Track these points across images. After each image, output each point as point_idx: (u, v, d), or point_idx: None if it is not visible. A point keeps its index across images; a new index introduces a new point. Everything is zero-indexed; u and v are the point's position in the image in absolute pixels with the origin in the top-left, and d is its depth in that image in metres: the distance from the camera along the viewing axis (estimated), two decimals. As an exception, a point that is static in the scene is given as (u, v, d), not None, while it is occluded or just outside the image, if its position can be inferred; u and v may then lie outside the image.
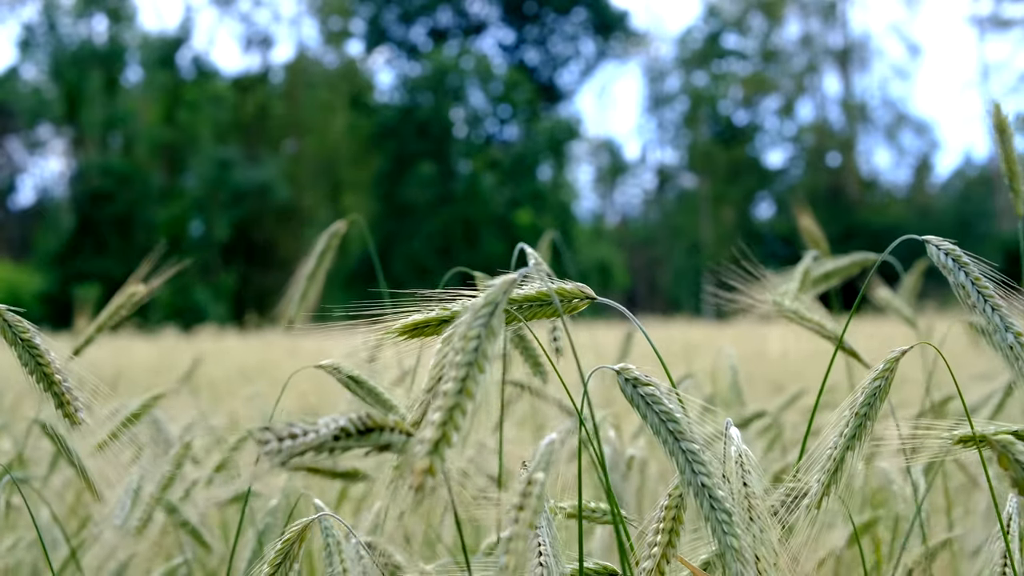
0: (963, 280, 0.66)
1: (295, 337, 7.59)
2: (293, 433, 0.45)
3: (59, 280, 21.18)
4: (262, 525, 1.11)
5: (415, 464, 0.44)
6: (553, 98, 28.88)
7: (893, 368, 0.68)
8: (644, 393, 0.59)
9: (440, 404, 0.46)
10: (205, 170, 23.96)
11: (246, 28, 27.61)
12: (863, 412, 0.67)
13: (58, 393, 0.68)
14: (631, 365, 0.60)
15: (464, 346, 0.48)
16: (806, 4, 28.95)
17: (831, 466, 0.67)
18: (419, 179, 24.43)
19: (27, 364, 0.68)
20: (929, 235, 0.69)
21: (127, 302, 1.12)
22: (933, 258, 0.67)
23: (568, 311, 0.63)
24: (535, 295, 0.63)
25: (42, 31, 25.18)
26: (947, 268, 0.67)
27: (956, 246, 0.67)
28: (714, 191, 27.49)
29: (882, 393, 0.67)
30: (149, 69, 25.93)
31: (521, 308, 0.63)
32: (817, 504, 0.66)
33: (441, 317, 0.62)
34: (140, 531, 1.04)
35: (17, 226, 25.82)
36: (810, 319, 0.96)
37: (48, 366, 0.68)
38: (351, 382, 0.83)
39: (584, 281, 0.65)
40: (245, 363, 5.35)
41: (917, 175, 29.00)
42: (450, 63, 25.96)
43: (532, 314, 0.63)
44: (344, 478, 1.00)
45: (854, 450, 0.67)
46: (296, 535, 0.67)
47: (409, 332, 0.62)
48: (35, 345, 0.69)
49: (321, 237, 1.22)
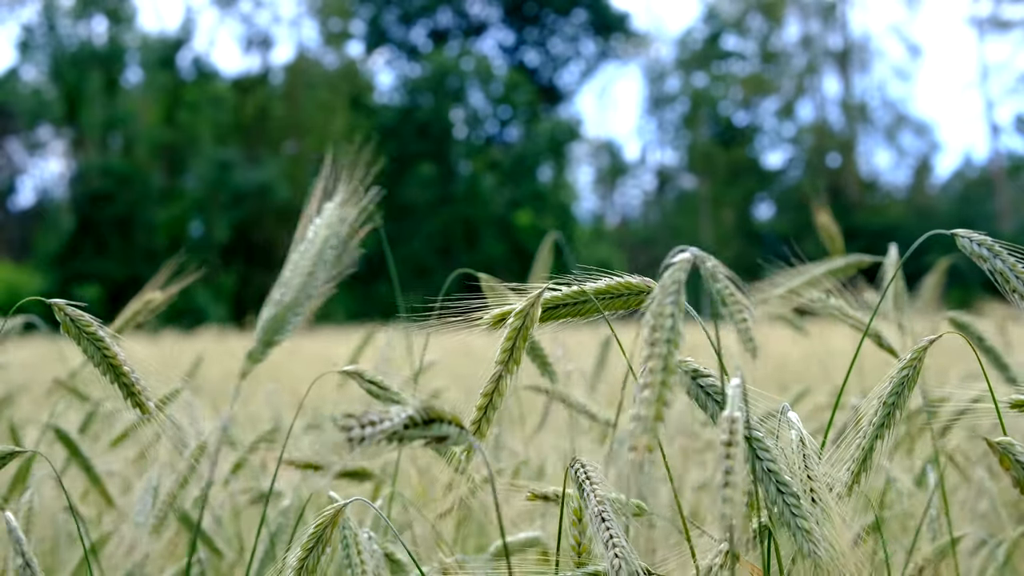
0: (1001, 266, 0.66)
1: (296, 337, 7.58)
2: (372, 420, 0.47)
3: (59, 281, 21.17)
4: (274, 526, 1.11)
5: (635, 441, 0.46)
6: (553, 99, 28.88)
7: (921, 357, 0.68)
8: (704, 384, 0.61)
9: (648, 382, 0.47)
10: (205, 171, 23.95)
11: (246, 29, 27.62)
12: (891, 401, 0.67)
13: (127, 384, 0.70)
14: (689, 358, 0.61)
15: (660, 323, 0.49)
16: (806, 5, 28.96)
17: (860, 455, 0.67)
18: (419, 180, 24.43)
19: (92, 357, 0.70)
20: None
21: (144, 308, 1.12)
22: (965, 249, 0.67)
23: (635, 304, 0.65)
24: (606, 288, 0.65)
25: (42, 32, 25.18)
26: (982, 257, 0.66)
27: (987, 236, 0.67)
28: (714, 192, 27.49)
29: (910, 382, 0.67)
30: (149, 70, 25.93)
31: (590, 302, 0.65)
32: (848, 492, 0.66)
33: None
34: (156, 529, 1.04)
35: (17, 227, 25.81)
36: (852, 316, 0.98)
37: (115, 358, 0.70)
38: (373, 387, 0.83)
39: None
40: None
41: (917, 176, 29.00)
42: (450, 64, 25.96)
43: (605, 306, 0.65)
44: (353, 477, 1.00)
45: (883, 439, 0.67)
46: (328, 519, 0.67)
47: (500, 322, 0.65)
48: (100, 338, 0.70)
49: None
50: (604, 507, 0.62)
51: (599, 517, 0.61)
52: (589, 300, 0.65)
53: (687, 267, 0.52)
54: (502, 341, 0.62)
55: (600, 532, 0.61)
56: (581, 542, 0.66)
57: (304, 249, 0.61)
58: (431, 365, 1.65)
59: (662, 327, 0.49)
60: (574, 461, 0.65)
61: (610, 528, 0.61)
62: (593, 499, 0.62)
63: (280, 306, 0.59)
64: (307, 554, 0.67)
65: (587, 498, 0.63)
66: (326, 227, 0.61)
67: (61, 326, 0.70)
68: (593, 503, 0.62)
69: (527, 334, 0.63)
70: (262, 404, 2.47)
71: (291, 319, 0.60)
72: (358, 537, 0.70)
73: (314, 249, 0.60)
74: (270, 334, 0.60)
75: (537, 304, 0.63)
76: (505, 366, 0.62)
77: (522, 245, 23.55)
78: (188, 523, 1.18)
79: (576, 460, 0.64)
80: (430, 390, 1.54)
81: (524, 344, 0.63)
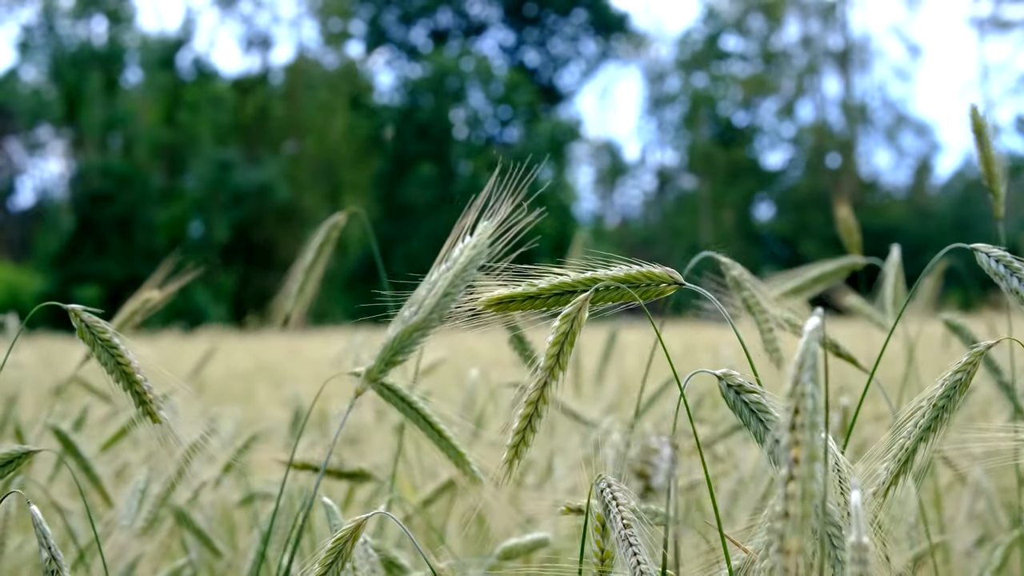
0: (1017, 286, 0.66)
1: (295, 338, 7.58)
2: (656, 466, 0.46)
3: (59, 281, 21.16)
4: (265, 526, 1.11)
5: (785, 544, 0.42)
6: (553, 99, 28.87)
7: (976, 362, 0.67)
8: (749, 400, 0.58)
9: (793, 474, 0.43)
10: (205, 171, 23.95)
11: (246, 29, 27.62)
12: (941, 404, 0.66)
13: (139, 392, 0.69)
14: (734, 371, 0.59)
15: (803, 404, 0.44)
16: (806, 5, 28.96)
17: (903, 456, 0.66)
18: (419, 180, 24.43)
19: (106, 364, 0.69)
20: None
21: (141, 308, 1.12)
22: (984, 266, 0.67)
23: (654, 295, 0.62)
24: (624, 277, 0.62)
25: (41, 32, 25.18)
26: (999, 275, 0.66)
27: (1007, 252, 0.67)
28: (714, 192, 27.49)
29: (962, 386, 0.66)
30: (149, 70, 25.93)
31: (608, 289, 0.62)
32: (884, 492, 0.65)
33: (527, 293, 0.62)
34: (146, 531, 1.04)
35: (17, 227, 25.81)
36: (797, 325, 0.95)
37: (128, 365, 0.69)
38: (385, 390, 0.81)
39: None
40: (246, 365, 5.35)
41: (917, 176, 29.00)
42: (450, 64, 25.96)
43: (619, 296, 0.62)
44: (351, 478, 1.00)
45: (927, 441, 0.66)
46: (349, 533, 0.65)
47: (496, 305, 0.62)
48: (114, 345, 0.70)
49: (320, 229, 1.19)
50: (631, 531, 0.60)
51: (626, 541, 0.59)
52: (605, 288, 0.61)
53: (820, 335, 0.47)
54: (548, 346, 0.59)
55: (628, 557, 0.59)
56: (604, 548, 0.64)
57: (446, 269, 0.58)
58: (439, 363, 1.65)
59: (804, 409, 0.43)
60: (600, 478, 0.62)
61: (638, 554, 0.59)
62: (620, 522, 0.60)
63: (407, 325, 0.57)
64: (326, 570, 0.65)
65: (614, 520, 0.60)
66: (473, 248, 0.59)
67: (77, 332, 0.70)
68: (620, 527, 0.60)
69: (575, 338, 0.59)
70: (262, 405, 2.47)
71: (417, 339, 0.57)
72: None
73: (455, 270, 0.58)
74: (392, 353, 0.57)
75: (585, 307, 0.60)
76: (551, 372, 0.59)
77: (522, 245, 23.52)
78: (185, 523, 1.18)
79: (603, 478, 0.62)
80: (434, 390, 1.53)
81: (571, 349, 0.60)
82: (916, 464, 0.66)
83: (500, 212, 0.61)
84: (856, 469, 0.66)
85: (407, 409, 0.82)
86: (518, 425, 0.60)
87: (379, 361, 0.58)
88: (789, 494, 0.42)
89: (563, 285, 0.62)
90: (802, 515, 0.42)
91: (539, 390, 0.60)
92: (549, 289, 0.62)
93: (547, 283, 0.62)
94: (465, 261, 0.59)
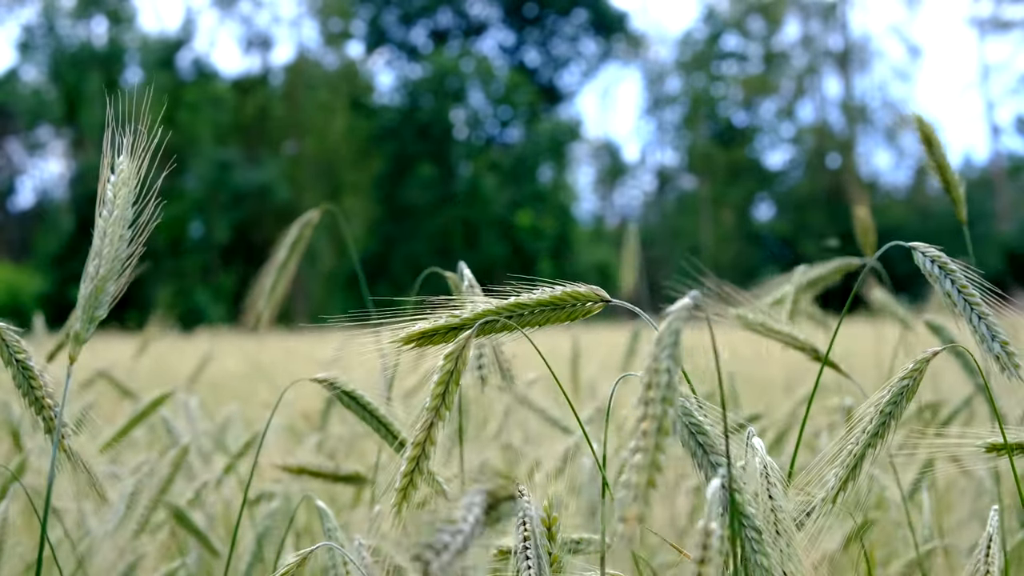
0: (949, 288, 0.66)
1: (295, 338, 7.57)
2: (444, 544, 0.42)
3: (59, 281, 21.16)
4: (261, 528, 1.11)
5: (625, 511, 0.43)
6: (554, 100, 28.87)
7: (922, 369, 0.67)
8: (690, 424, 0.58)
9: (641, 445, 0.44)
10: (205, 171, 23.95)
11: (246, 30, 27.62)
12: (888, 411, 0.66)
13: (47, 419, 0.66)
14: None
15: (656, 380, 0.45)
16: (806, 5, 28.96)
17: (851, 461, 0.66)
18: (419, 181, 24.43)
19: (20, 386, 0.67)
20: (929, 237, 0.69)
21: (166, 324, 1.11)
22: (920, 265, 0.67)
23: (582, 315, 0.61)
24: (548, 300, 0.61)
25: (41, 33, 25.18)
26: (933, 276, 0.66)
27: (943, 252, 0.67)
28: (714, 193, 27.48)
29: (909, 392, 0.67)
30: (149, 70, 25.93)
31: (533, 312, 0.61)
32: (832, 499, 0.66)
33: (450, 325, 0.60)
34: (138, 534, 1.04)
35: (17, 228, 25.81)
36: (779, 331, 0.94)
37: (40, 388, 0.66)
38: (345, 398, 0.80)
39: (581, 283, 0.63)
40: (245, 365, 5.35)
41: (917, 177, 28.99)
42: (450, 65, 25.95)
43: (544, 319, 0.61)
44: (347, 482, 1.00)
45: (875, 447, 0.66)
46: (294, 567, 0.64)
47: (416, 341, 0.60)
48: (28, 367, 0.67)
49: (293, 226, 1.17)
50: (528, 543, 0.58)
51: (524, 556, 0.58)
52: (529, 313, 0.60)
53: (686, 316, 0.48)
54: (432, 386, 0.57)
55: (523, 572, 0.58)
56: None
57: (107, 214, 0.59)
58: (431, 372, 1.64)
59: (658, 384, 0.45)
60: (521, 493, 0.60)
61: (532, 568, 0.58)
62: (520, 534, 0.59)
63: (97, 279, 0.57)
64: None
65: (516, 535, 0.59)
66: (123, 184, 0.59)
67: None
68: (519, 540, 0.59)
69: (459, 377, 0.58)
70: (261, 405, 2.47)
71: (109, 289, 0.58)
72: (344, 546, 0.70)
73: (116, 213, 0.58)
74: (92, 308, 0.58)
75: (469, 346, 0.58)
76: (436, 412, 0.58)
77: (522, 246, 23.55)
78: (184, 523, 1.18)
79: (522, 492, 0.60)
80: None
81: (456, 388, 0.58)
82: (864, 470, 0.66)
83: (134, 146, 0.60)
84: (804, 475, 0.67)
85: (367, 416, 0.80)
86: (406, 468, 0.58)
87: (83, 321, 0.59)
88: (634, 464, 0.44)
89: (487, 312, 0.60)
90: (645, 484, 0.44)
91: (425, 431, 0.58)
92: (473, 319, 0.60)
93: (471, 312, 0.60)
94: (122, 203, 0.59)
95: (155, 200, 0.61)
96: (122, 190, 0.58)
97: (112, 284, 0.58)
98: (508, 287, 0.62)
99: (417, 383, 1.49)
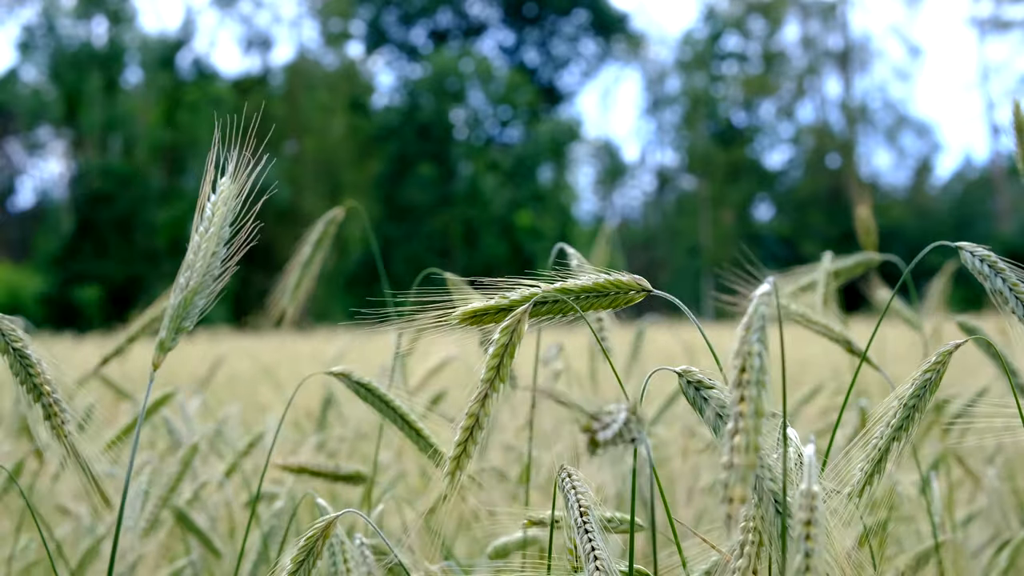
0: (1000, 286, 0.66)
1: (295, 338, 7.57)
2: (605, 423, 0.47)
3: (59, 282, 21.17)
4: (267, 527, 1.11)
5: (730, 492, 0.44)
6: (553, 100, 28.88)
7: (945, 361, 0.67)
8: (709, 396, 0.59)
9: (739, 427, 0.45)
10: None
11: (246, 30, 27.62)
12: (911, 404, 0.66)
13: (46, 405, 0.66)
14: (693, 367, 0.59)
15: (749, 363, 0.46)
16: (806, 5, 28.96)
17: (875, 455, 0.66)
18: (419, 181, 24.43)
19: (18, 374, 0.66)
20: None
21: (161, 315, 1.12)
22: (967, 264, 0.67)
23: (624, 303, 0.63)
24: (592, 286, 0.62)
25: (41, 33, 25.18)
26: (983, 274, 0.66)
27: (991, 251, 0.66)
28: (713, 193, 27.48)
29: (932, 386, 0.66)
30: (149, 71, 25.93)
31: (578, 299, 0.62)
32: (859, 492, 0.65)
33: (500, 305, 0.62)
34: (147, 533, 1.04)
35: (17, 228, 25.81)
36: (817, 322, 0.95)
37: (39, 376, 0.66)
38: (363, 390, 0.81)
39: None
40: (245, 365, 5.35)
41: (917, 177, 29.00)
42: (450, 65, 25.96)
43: (588, 305, 0.62)
44: (347, 481, 1.00)
45: (899, 440, 0.66)
46: (319, 531, 0.66)
47: (470, 319, 0.62)
48: (26, 355, 0.66)
49: (316, 225, 1.18)
50: (587, 519, 0.60)
51: (583, 530, 0.60)
52: (574, 299, 0.62)
53: (770, 301, 0.49)
54: (488, 359, 0.59)
55: (583, 545, 0.60)
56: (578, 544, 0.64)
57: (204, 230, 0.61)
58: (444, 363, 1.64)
59: (751, 367, 0.46)
60: (562, 470, 0.63)
61: (592, 540, 0.60)
62: (576, 510, 0.60)
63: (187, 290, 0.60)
64: (297, 567, 0.66)
65: (571, 509, 0.61)
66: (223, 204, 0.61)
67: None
68: (576, 515, 0.60)
69: (514, 351, 0.60)
70: (262, 405, 2.47)
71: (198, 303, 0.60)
72: (345, 545, 0.70)
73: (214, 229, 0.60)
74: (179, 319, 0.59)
75: (524, 319, 0.60)
76: (491, 384, 0.59)
77: (522, 246, 23.55)
78: (186, 523, 1.18)
79: (564, 468, 0.63)
80: (427, 392, 1.53)
81: (511, 361, 0.60)
82: (889, 464, 0.66)
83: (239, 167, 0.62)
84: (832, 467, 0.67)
85: (384, 409, 0.81)
86: (459, 437, 0.60)
87: (169, 330, 0.60)
88: (735, 446, 0.44)
89: (533, 296, 0.62)
90: (747, 465, 0.44)
91: (480, 402, 0.59)
92: (520, 301, 0.62)
93: (519, 295, 0.62)
94: (219, 220, 0.62)
95: (253, 223, 0.63)
96: (220, 209, 0.60)
97: (201, 298, 0.59)
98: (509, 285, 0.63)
99: (419, 383, 1.49)
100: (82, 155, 25.22)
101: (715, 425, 0.58)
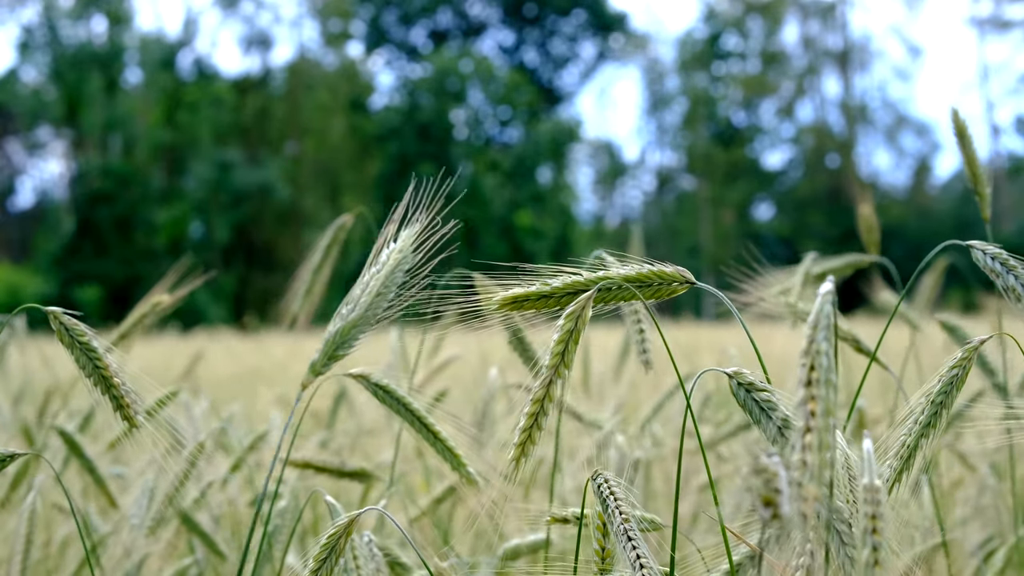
0: (1013, 283, 0.66)
1: (297, 338, 7.57)
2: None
3: (59, 282, 21.16)
4: (270, 526, 1.11)
5: (804, 492, 0.43)
6: (553, 100, 28.88)
7: (971, 357, 0.67)
8: (759, 398, 0.58)
9: (810, 426, 0.45)
10: (205, 172, 23.95)
11: (247, 30, 27.61)
12: (939, 400, 0.66)
13: (116, 396, 0.69)
14: (744, 369, 0.59)
15: (818, 362, 0.46)
16: (806, 5, 28.96)
17: (904, 452, 0.66)
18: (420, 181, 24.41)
19: (84, 367, 0.68)
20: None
21: (152, 311, 1.12)
22: (979, 262, 0.67)
23: (666, 294, 0.63)
24: (635, 276, 0.62)
25: (41, 33, 25.17)
26: (995, 271, 0.66)
27: (1002, 249, 0.66)
28: (713, 193, 27.49)
29: (959, 381, 0.66)
30: (149, 71, 25.92)
31: (621, 288, 0.62)
32: (888, 490, 0.65)
33: (540, 292, 0.62)
34: (153, 531, 1.04)
35: (17, 228, 25.81)
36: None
37: (106, 369, 0.68)
38: (380, 392, 0.81)
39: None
40: (247, 365, 5.35)
41: (917, 176, 29.00)
42: (450, 65, 25.95)
43: (630, 295, 0.62)
44: (352, 478, 1.00)
45: (928, 437, 0.66)
46: (342, 529, 0.66)
47: (510, 304, 0.62)
48: (93, 348, 0.69)
49: (326, 231, 1.19)
50: (630, 525, 0.60)
51: (625, 535, 0.60)
52: (617, 288, 0.62)
53: (833, 298, 0.49)
54: (553, 344, 0.59)
55: (627, 551, 0.60)
56: (605, 547, 0.64)
57: (376, 271, 0.63)
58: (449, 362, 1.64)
59: (820, 366, 0.46)
60: (597, 475, 0.63)
61: (637, 547, 0.60)
62: (619, 516, 0.61)
63: (346, 322, 0.61)
64: (320, 565, 0.66)
65: (612, 515, 0.61)
66: (399, 252, 0.64)
67: (56, 334, 0.69)
68: (619, 521, 0.61)
69: (579, 336, 0.60)
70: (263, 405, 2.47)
71: (356, 335, 0.62)
72: (354, 541, 0.70)
73: (385, 272, 0.63)
74: (335, 347, 0.62)
75: (588, 305, 0.60)
76: (555, 371, 0.59)
77: (522, 246, 23.54)
78: (189, 523, 1.18)
79: (600, 474, 0.63)
80: (435, 391, 1.53)
81: (576, 347, 0.60)
82: (918, 460, 0.66)
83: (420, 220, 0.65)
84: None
85: (402, 411, 0.81)
86: (524, 423, 0.60)
87: (323, 355, 0.62)
88: (806, 444, 0.44)
89: (576, 284, 0.62)
90: (819, 464, 0.44)
91: (545, 388, 0.60)
92: (562, 288, 0.62)
93: (560, 282, 0.62)
94: (392, 264, 0.63)
95: (427, 276, 0.64)
96: (395, 256, 0.63)
97: (359, 331, 0.62)
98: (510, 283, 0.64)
99: (423, 380, 1.50)
100: (82, 155, 25.21)
101: (766, 428, 0.58)
